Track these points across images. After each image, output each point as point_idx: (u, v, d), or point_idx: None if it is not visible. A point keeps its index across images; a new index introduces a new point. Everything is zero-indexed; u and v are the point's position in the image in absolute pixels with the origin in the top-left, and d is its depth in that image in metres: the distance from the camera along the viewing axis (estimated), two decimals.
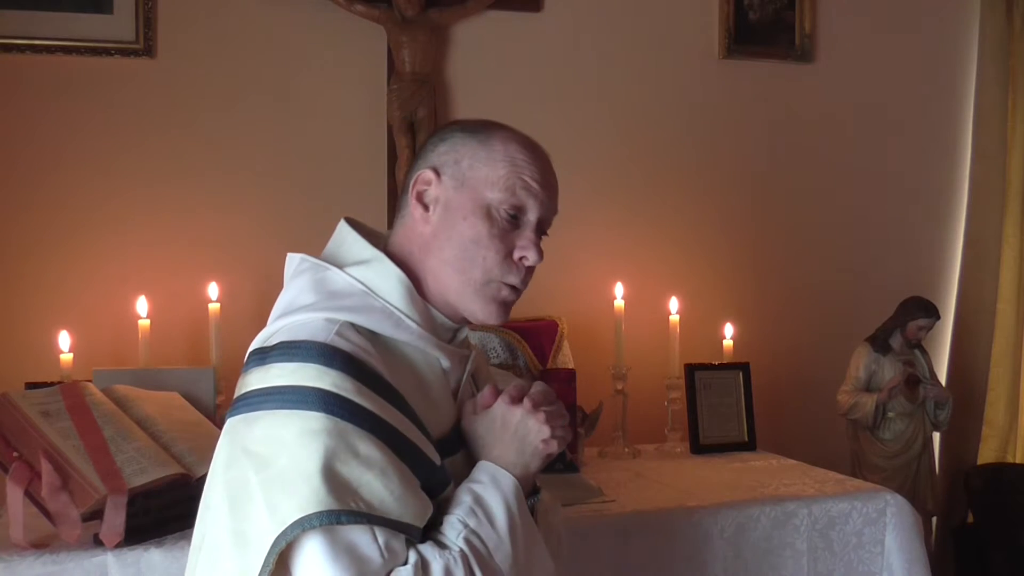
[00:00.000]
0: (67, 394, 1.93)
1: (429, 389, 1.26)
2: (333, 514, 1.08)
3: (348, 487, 1.09)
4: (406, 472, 1.14)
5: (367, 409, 1.13)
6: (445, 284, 1.26)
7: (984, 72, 3.53)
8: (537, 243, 1.29)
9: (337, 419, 1.11)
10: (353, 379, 1.14)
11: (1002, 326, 3.54)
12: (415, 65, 2.91)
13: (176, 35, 2.83)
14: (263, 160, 2.89)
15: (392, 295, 1.25)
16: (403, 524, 1.13)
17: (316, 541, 1.09)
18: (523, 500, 1.23)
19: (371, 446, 1.12)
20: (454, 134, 1.30)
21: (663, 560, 2.10)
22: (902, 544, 2.26)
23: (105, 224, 2.79)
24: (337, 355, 1.15)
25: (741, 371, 2.92)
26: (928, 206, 3.56)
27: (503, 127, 1.32)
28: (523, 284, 1.29)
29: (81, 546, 1.81)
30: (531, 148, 1.32)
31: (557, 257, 3.11)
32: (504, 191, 1.26)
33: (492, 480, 1.21)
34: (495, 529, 1.19)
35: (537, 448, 1.23)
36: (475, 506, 1.19)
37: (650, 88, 3.23)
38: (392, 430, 1.15)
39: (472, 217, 1.25)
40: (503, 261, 1.26)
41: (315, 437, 1.10)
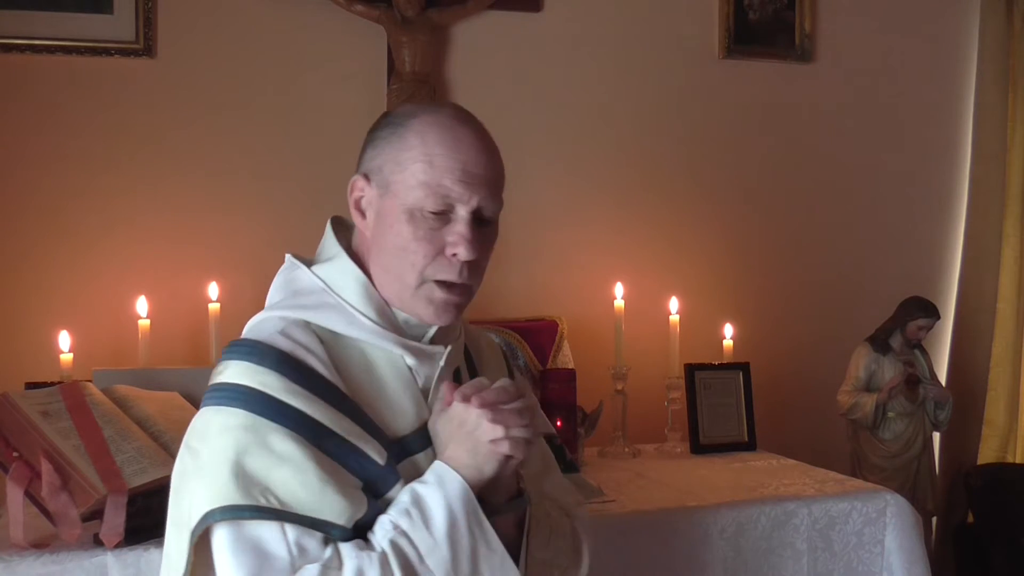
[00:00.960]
0: (67, 394, 1.93)
1: (387, 388, 1.24)
2: (237, 509, 1.10)
3: (257, 483, 1.11)
4: (333, 470, 1.14)
5: (292, 407, 1.14)
6: (389, 289, 1.25)
7: (984, 72, 3.53)
8: (469, 236, 1.21)
9: (255, 416, 1.13)
10: (283, 377, 1.16)
11: (1002, 326, 3.54)
12: (415, 65, 2.91)
13: (176, 35, 2.83)
14: (263, 160, 2.89)
15: (348, 292, 1.25)
16: (319, 521, 1.12)
17: (222, 534, 1.12)
18: (472, 504, 1.15)
19: (290, 443, 1.13)
20: (377, 134, 1.27)
21: (663, 560, 2.10)
22: (902, 544, 2.26)
23: (105, 224, 2.79)
24: (271, 354, 1.18)
25: (741, 371, 2.92)
26: (928, 206, 3.56)
27: (423, 115, 1.25)
28: (462, 278, 1.23)
29: (81, 546, 1.81)
30: (452, 138, 1.22)
31: (557, 257, 3.15)
32: (423, 192, 1.20)
33: (438, 480, 1.16)
34: (431, 531, 1.13)
35: (488, 449, 1.16)
36: (412, 507, 1.15)
37: (650, 88, 3.23)
38: (321, 427, 1.15)
39: (397, 224, 1.22)
40: (434, 261, 1.22)
41: (230, 433, 1.13)
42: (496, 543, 1.17)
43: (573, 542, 1.34)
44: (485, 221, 1.26)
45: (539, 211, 3.10)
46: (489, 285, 3.34)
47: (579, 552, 1.35)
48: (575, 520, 1.37)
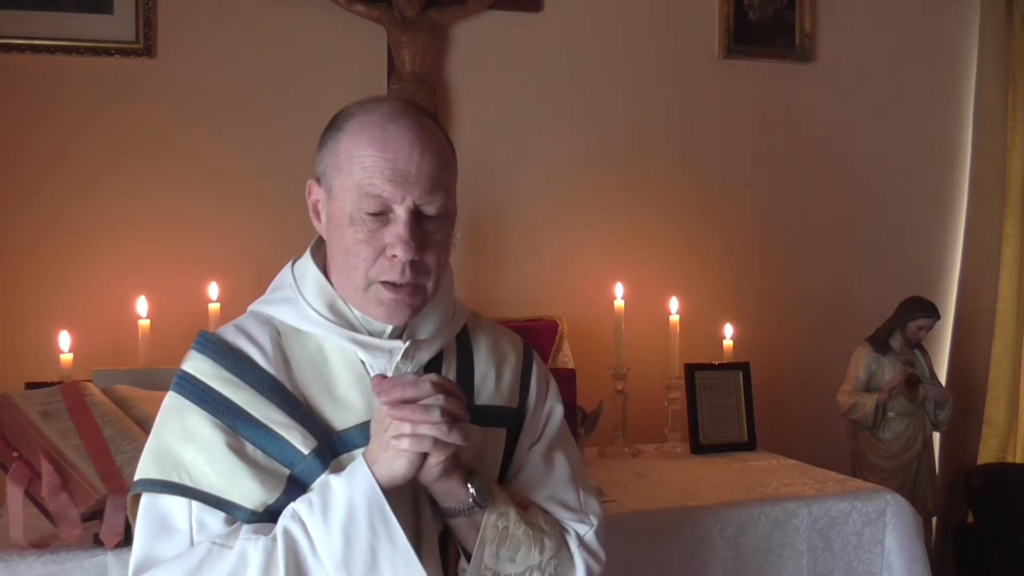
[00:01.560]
0: (67, 394, 1.93)
1: (336, 382, 1.25)
2: (150, 483, 1.20)
3: (175, 460, 1.19)
4: (249, 455, 1.19)
5: (218, 392, 1.22)
6: (344, 290, 1.28)
7: (984, 72, 3.53)
8: (406, 236, 1.19)
9: (182, 398, 1.23)
10: (216, 364, 1.23)
11: (1002, 326, 3.54)
12: (415, 65, 2.91)
13: (176, 35, 2.83)
14: (263, 160, 2.89)
15: (306, 288, 1.30)
16: (224, 501, 1.18)
17: (143, 502, 1.22)
18: (378, 500, 1.12)
19: (209, 427, 1.20)
20: (326, 135, 1.28)
21: (663, 560, 2.11)
22: (902, 544, 2.26)
23: (106, 224, 2.79)
24: (212, 343, 1.26)
25: (741, 371, 2.92)
26: (928, 206, 3.56)
27: (358, 115, 1.24)
28: (405, 278, 1.21)
29: (81, 546, 1.81)
30: (382, 138, 1.21)
31: (557, 257, 3.15)
32: (358, 195, 1.20)
33: (348, 473, 1.15)
34: (326, 522, 1.13)
35: (391, 446, 1.13)
36: (315, 496, 1.15)
37: (650, 88, 3.23)
38: (243, 414, 1.21)
39: (340, 227, 1.23)
40: (376, 263, 1.22)
41: (163, 413, 1.24)
42: (401, 542, 1.13)
43: (562, 560, 1.27)
44: (430, 218, 1.23)
45: (539, 211, 3.10)
46: (489, 285, 3.35)
47: (571, 572, 1.28)
48: (570, 536, 1.30)
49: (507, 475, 1.34)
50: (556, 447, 1.38)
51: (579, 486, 1.37)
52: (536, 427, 1.38)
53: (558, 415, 1.41)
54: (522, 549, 1.23)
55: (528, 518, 1.25)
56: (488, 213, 3.00)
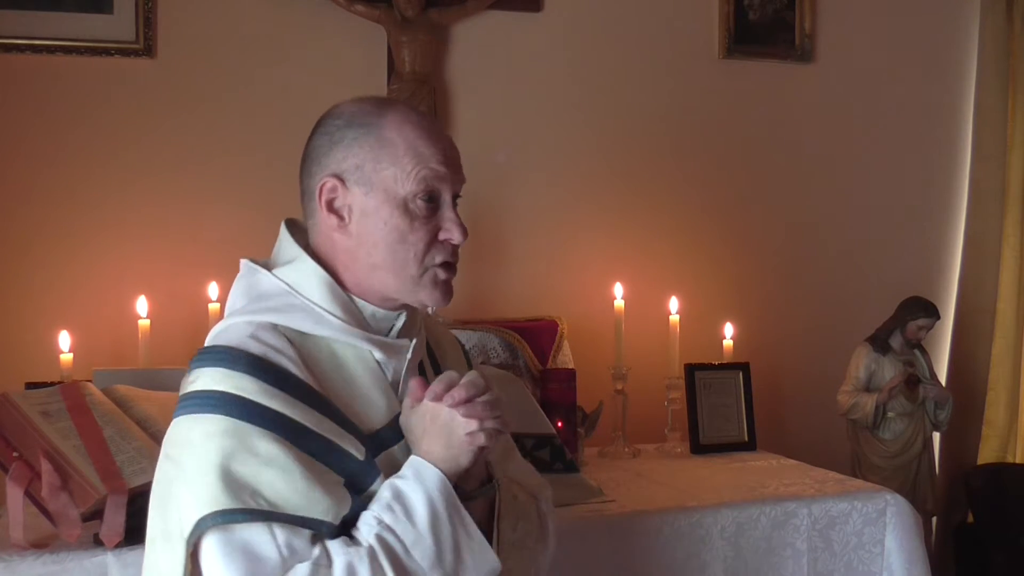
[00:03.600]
0: (67, 394, 1.93)
1: (359, 384, 1.27)
2: (228, 513, 1.12)
3: (246, 486, 1.13)
4: (316, 468, 1.17)
5: (270, 408, 1.17)
6: (383, 285, 1.28)
7: (984, 72, 3.53)
8: (458, 220, 1.29)
9: (236, 420, 1.15)
10: (257, 380, 1.18)
11: (1002, 326, 3.53)
12: (415, 65, 2.91)
13: (176, 35, 2.83)
14: (263, 160, 2.89)
15: (313, 292, 1.27)
16: (308, 520, 1.14)
17: (213, 540, 1.13)
18: (451, 495, 1.20)
19: (272, 444, 1.15)
20: (342, 131, 1.28)
21: (663, 560, 2.10)
22: (902, 544, 2.26)
23: (105, 224, 2.79)
24: (243, 358, 1.19)
25: (741, 371, 2.92)
26: (928, 206, 3.56)
27: (389, 110, 1.29)
28: (454, 258, 1.30)
29: (81, 546, 1.81)
30: (427, 128, 1.29)
31: (557, 257, 3.15)
32: (415, 183, 1.25)
33: (416, 474, 1.20)
34: (414, 524, 1.17)
35: (464, 442, 1.20)
36: (393, 501, 1.18)
37: (650, 88, 3.23)
38: (300, 427, 1.17)
39: (392, 218, 1.25)
40: (431, 247, 1.27)
41: (212, 440, 1.15)
42: (475, 530, 1.21)
43: (540, 523, 1.37)
44: (455, 200, 1.32)
45: (539, 211, 3.10)
46: (489, 285, 3.35)
47: (545, 533, 1.39)
48: (540, 502, 1.40)
49: None
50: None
51: (525, 460, 1.51)
52: None
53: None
54: (520, 518, 1.32)
55: (519, 490, 1.35)
56: (488, 213, 3.00)
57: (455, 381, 1.22)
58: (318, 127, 1.32)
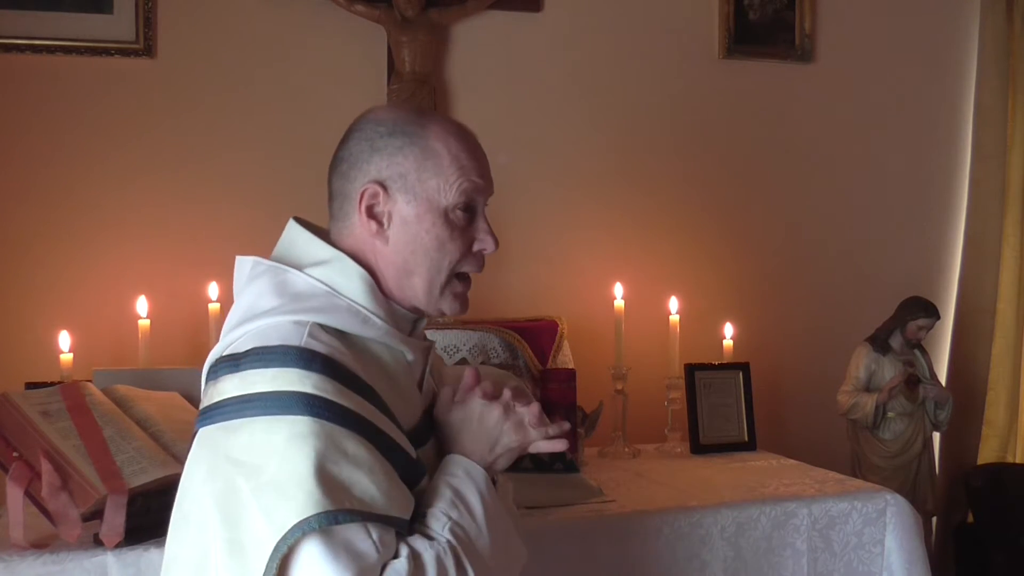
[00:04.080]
0: (67, 394, 1.93)
1: (397, 383, 1.30)
2: (331, 515, 1.10)
3: (341, 487, 1.12)
4: (389, 467, 1.19)
5: (349, 409, 1.16)
6: (412, 290, 1.31)
7: (984, 72, 3.53)
8: (491, 231, 1.34)
9: (323, 421, 1.14)
10: (333, 380, 1.17)
11: (1002, 326, 3.53)
12: (415, 65, 2.91)
13: (176, 35, 2.83)
14: (263, 160, 2.89)
15: (356, 293, 1.27)
16: (393, 518, 1.17)
17: (315, 543, 1.10)
18: (495, 492, 1.29)
19: (358, 445, 1.16)
20: (388, 141, 1.29)
21: (663, 560, 2.10)
22: (902, 544, 2.26)
23: (105, 224, 2.79)
24: (316, 358, 1.17)
25: (741, 371, 2.92)
26: (928, 206, 3.56)
27: (431, 120, 1.33)
28: (482, 268, 1.36)
29: (81, 546, 1.81)
30: (468, 140, 1.33)
31: (557, 257, 3.15)
32: (457, 195, 1.29)
33: (467, 474, 1.28)
34: (475, 520, 1.25)
35: (509, 449, 1.30)
36: (456, 499, 1.25)
37: (650, 88, 3.23)
38: (373, 427, 1.19)
39: (433, 227, 1.29)
40: (465, 257, 1.32)
41: (304, 441, 1.12)
42: (511, 523, 1.33)
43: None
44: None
45: (539, 211, 3.10)
46: (489, 285, 3.34)
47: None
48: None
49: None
50: None
51: None
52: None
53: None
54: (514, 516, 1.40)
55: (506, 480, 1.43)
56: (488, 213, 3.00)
57: (502, 384, 1.32)
58: (355, 132, 1.32)
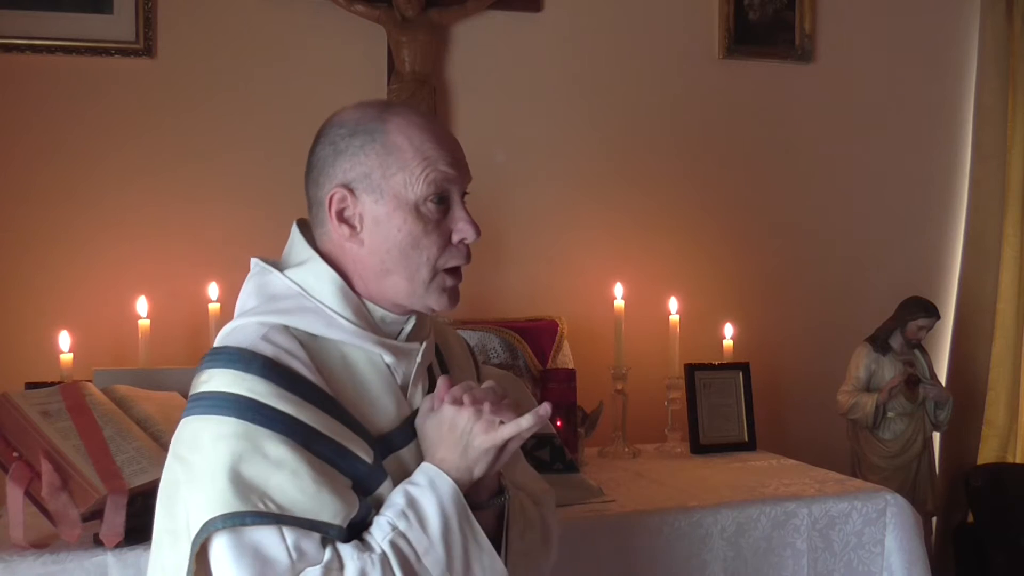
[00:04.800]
0: (67, 394, 1.93)
1: (369, 387, 1.26)
2: (237, 516, 1.12)
3: (255, 488, 1.13)
4: (326, 471, 1.17)
5: (282, 412, 1.16)
6: (395, 290, 1.28)
7: (984, 72, 3.53)
8: (470, 218, 1.29)
9: (247, 423, 1.15)
10: (270, 383, 1.17)
11: (1002, 326, 3.53)
12: (415, 65, 2.91)
13: (176, 35, 2.83)
14: (263, 160, 2.89)
15: (325, 295, 1.27)
16: (317, 523, 1.14)
17: (222, 542, 1.13)
18: (463, 505, 1.21)
19: (283, 447, 1.15)
20: (346, 141, 1.27)
21: (663, 560, 2.11)
22: (902, 544, 2.26)
23: (105, 224, 2.79)
24: (256, 360, 1.19)
25: (741, 371, 2.92)
26: (928, 206, 3.56)
27: (392, 114, 1.28)
28: (470, 260, 1.31)
29: (81, 546, 1.81)
30: (432, 129, 1.29)
31: (557, 257, 3.15)
32: (425, 186, 1.25)
33: (429, 483, 1.20)
34: (426, 533, 1.18)
35: (481, 452, 1.21)
36: (408, 508, 1.18)
37: (650, 88, 3.23)
38: (311, 430, 1.17)
39: (405, 224, 1.25)
40: (444, 250, 1.28)
41: (224, 442, 1.14)
42: (484, 541, 1.22)
43: (543, 531, 1.38)
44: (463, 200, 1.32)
45: (539, 211, 3.10)
46: (489, 285, 3.35)
47: (548, 539, 1.39)
48: (543, 508, 1.40)
49: None
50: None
51: (527, 463, 1.50)
52: None
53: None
54: (527, 527, 1.34)
55: (526, 498, 1.37)
56: (488, 213, 2.98)
57: (474, 388, 1.24)
58: (321, 137, 1.31)
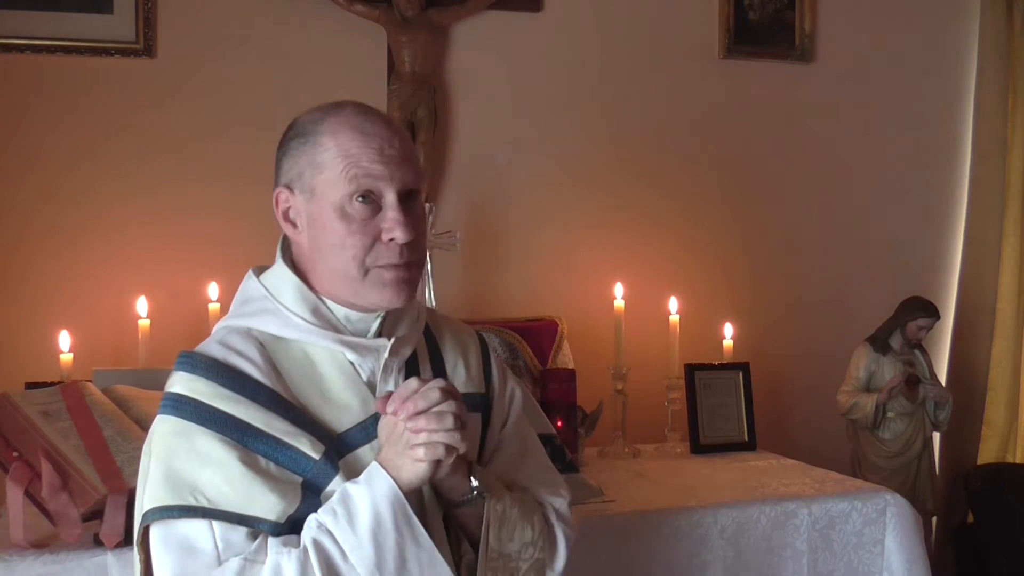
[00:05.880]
0: (67, 394, 1.93)
1: (329, 385, 1.28)
2: (166, 509, 1.18)
3: (186, 482, 1.18)
4: (262, 467, 1.19)
5: (219, 410, 1.21)
6: (339, 288, 1.28)
7: (984, 72, 3.53)
8: (401, 219, 1.25)
9: (184, 420, 1.21)
10: (211, 382, 1.23)
11: (1002, 326, 3.54)
12: (415, 65, 2.91)
13: (176, 35, 2.83)
14: (263, 160, 2.85)
15: (284, 295, 1.31)
16: (246, 517, 1.18)
17: (155, 533, 1.20)
18: (400, 502, 1.18)
19: (214, 444, 1.19)
20: (289, 143, 1.32)
21: (663, 560, 2.11)
22: (902, 544, 2.26)
23: (105, 224, 2.79)
24: (202, 362, 1.25)
25: (741, 371, 2.92)
26: (928, 206, 3.56)
27: (329, 114, 1.29)
28: (404, 258, 1.26)
29: (81, 546, 1.81)
30: (363, 129, 1.27)
31: (557, 257, 3.15)
32: (347, 184, 1.25)
33: (367, 479, 1.19)
34: (354, 530, 1.16)
35: (411, 455, 1.18)
36: (338, 504, 1.18)
37: (650, 88, 3.23)
38: (249, 428, 1.21)
39: (330, 223, 1.26)
40: (373, 249, 1.25)
41: (164, 439, 1.22)
42: (426, 541, 1.20)
43: (546, 533, 1.34)
44: (412, 198, 1.29)
45: (539, 211, 3.10)
46: (489, 285, 3.35)
47: (554, 543, 1.35)
48: (548, 510, 1.37)
49: (483, 455, 1.40)
50: (523, 426, 1.47)
51: (547, 461, 1.47)
52: (503, 409, 1.45)
53: (519, 396, 1.49)
54: (517, 528, 1.29)
55: (518, 499, 1.32)
56: (488, 213, 3.00)
57: (411, 391, 1.19)
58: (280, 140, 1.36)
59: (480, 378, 1.44)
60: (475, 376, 1.43)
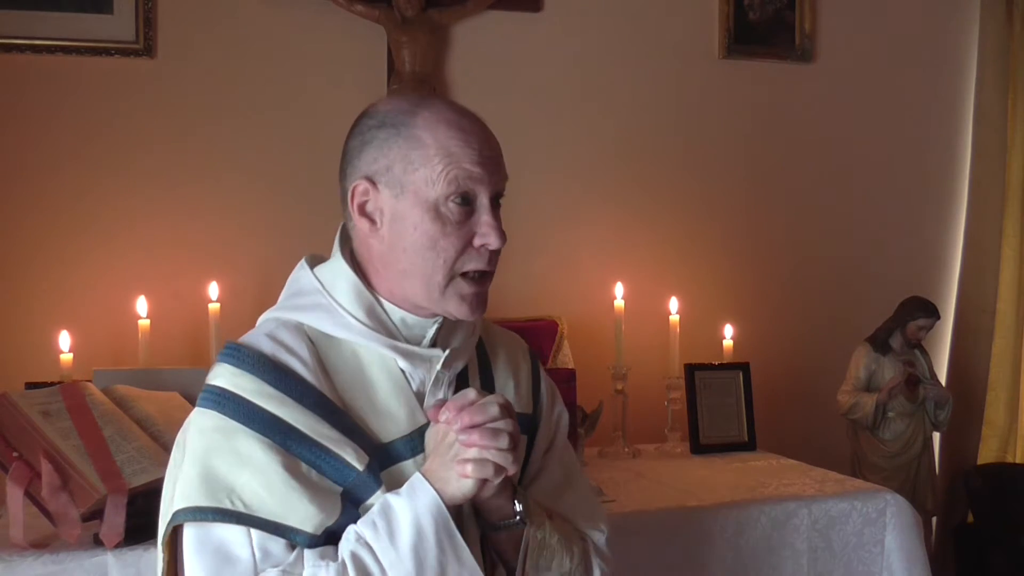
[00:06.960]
0: (67, 394, 1.93)
1: (377, 391, 1.21)
2: (200, 511, 1.12)
3: (224, 484, 1.12)
4: (303, 475, 1.13)
5: (264, 409, 1.15)
6: (412, 289, 1.22)
7: (984, 72, 3.53)
8: (496, 225, 1.22)
9: (226, 418, 1.14)
10: (258, 379, 1.16)
11: (1002, 326, 3.54)
12: (415, 65, 2.91)
13: (176, 35, 2.83)
14: (263, 160, 2.89)
15: (340, 293, 1.23)
16: (282, 526, 1.12)
17: (189, 534, 1.14)
18: (444, 517, 1.12)
19: (256, 446, 1.13)
20: (375, 134, 1.22)
21: (663, 560, 2.10)
22: (902, 544, 2.26)
23: (105, 224, 2.79)
24: (251, 356, 1.18)
25: (741, 371, 2.92)
26: (928, 206, 3.56)
27: (424, 108, 1.22)
28: (492, 265, 1.23)
29: (81, 546, 1.81)
30: (461, 127, 1.21)
31: (557, 257, 3.15)
32: (446, 185, 1.18)
33: (409, 492, 1.13)
34: (394, 545, 1.11)
35: (458, 470, 1.12)
36: (379, 517, 1.12)
37: (650, 88, 3.23)
38: (293, 431, 1.14)
39: (422, 223, 1.19)
40: (464, 253, 1.21)
41: (203, 435, 1.15)
42: (468, 558, 1.14)
43: (584, 565, 1.29)
44: (498, 205, 1.26)
45: (539, 211, 3.10)
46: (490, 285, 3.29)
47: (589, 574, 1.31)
48: (587, 543, 1.32)
49: (524, 478, 1.34)
50: (566, 453, 1.41)
51: (589, 492, 1.41)
52: (549, 432, 1.39)
53: (566, 420, 1.43)
54: (556, 558, 1.25)
55: (559, 528, 1.27)
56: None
57: (471, 402, 1.14)
58: (353, 128, 1.26)
59: (529, 398, 1.37)
60: (524, 395, 1.37)
